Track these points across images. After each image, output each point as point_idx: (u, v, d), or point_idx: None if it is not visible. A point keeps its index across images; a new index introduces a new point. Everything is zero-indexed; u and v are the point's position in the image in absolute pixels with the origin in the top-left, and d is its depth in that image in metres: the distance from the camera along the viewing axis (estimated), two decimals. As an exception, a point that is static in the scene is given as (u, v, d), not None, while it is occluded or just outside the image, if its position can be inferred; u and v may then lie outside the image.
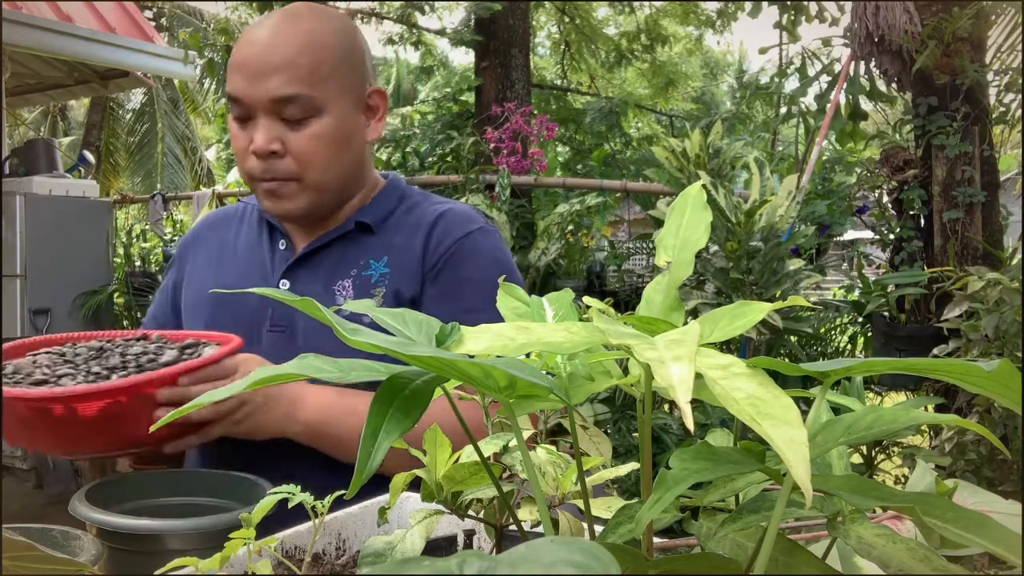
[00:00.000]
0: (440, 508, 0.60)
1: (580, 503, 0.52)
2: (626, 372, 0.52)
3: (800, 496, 0.39)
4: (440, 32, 6.29)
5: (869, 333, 3.59)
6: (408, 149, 5.36)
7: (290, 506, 0.61)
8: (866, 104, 3.46)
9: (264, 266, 1.27)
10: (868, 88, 3.39)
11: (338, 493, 0.60)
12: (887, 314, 3.30)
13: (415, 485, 0.62)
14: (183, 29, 10.03)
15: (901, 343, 3.19)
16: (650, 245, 4.80)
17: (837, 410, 0.53)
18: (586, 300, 0.56)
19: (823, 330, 3.78)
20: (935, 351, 2.77)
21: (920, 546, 0.42)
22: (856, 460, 2.93)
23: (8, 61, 5.13)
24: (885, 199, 3.51)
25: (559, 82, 7.95)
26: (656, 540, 0.55)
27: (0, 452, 3.78)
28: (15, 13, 4.47)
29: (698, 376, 0.36)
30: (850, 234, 4.95)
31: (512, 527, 0.59)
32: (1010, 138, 3.44)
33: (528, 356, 0.52)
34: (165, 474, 1.06)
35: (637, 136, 7.72)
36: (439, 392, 0.47)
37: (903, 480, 2.96)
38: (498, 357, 0.43)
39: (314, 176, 1.18)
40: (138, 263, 5.60)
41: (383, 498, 0.71)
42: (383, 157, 5.45)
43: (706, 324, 0.45)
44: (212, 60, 5.16)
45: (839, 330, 3.92)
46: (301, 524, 0.69)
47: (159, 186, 11.17)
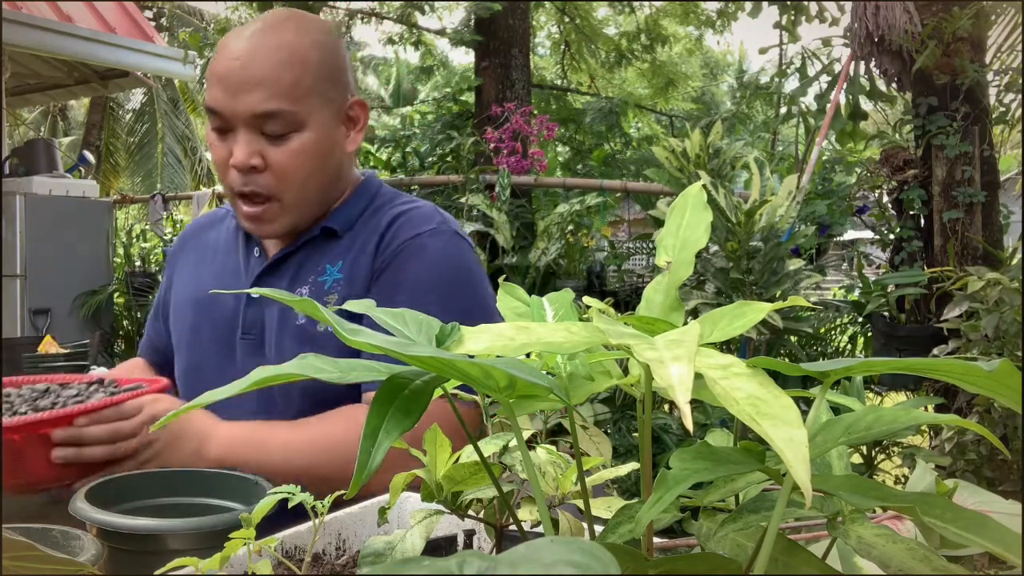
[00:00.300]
0: (440, 508, 0.60)
1: (580, 503, 0.52)
2: (626, 372, 0.52)
3: (800, 496, 0.39)
4: (440, 32, 6.29)
5: (869, 333, 3.59)
6: (408, 149, 5.37)
7: (290, 506, 0.61)
8: (866, 104, 3.46)
9: (239, 273, 1.28)
10: (868, 88, 3.39)
11: (338, 493, 0.60)
12: (887, 314, 3.30)
13: (415, 486, 0.62)
14: (183, 29, 10.04)
15: (901, 343, 3.19)
16: (650, 245, 4.81)
17: (837, 410, 0.53)
18: (586, 300, 0.56)
19: (823, 330, 3.78)
20: (935, 351, 2.77)
21: (920, 546, 0.42)
22: (856, 460, 2.93)
23: (8, 61, 5.13)
24: (885, 199, 3.51)
25: (559, 82, 7.95)
26: (656, 540, 0.55)
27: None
28: (15, 13, 4.47)
29: (698, 376, 0.36)
30: (850, 234, 4.96)
31: (512, 527, 0.59)
32: (1010, 138, 3.44)
33: (528, 356, 0.52)
34: (165, 474, 1.06)
35: (637, 136, 7.73)
36: (439, 392, 0.47)
37: (903, 480, 2.96)
38: (498, 357, 0.43)
39: (294, 191, 1.17)
40: (138, 263, 5.61)
41: (383, 498, 0.71)
42: (383, 157, 5.45)
43: (706, 324, 0.45)
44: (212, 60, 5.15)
45: (839, 330, 3.93)
46: (301, 524, 0.69)
47: (159, 186, 11.18)
